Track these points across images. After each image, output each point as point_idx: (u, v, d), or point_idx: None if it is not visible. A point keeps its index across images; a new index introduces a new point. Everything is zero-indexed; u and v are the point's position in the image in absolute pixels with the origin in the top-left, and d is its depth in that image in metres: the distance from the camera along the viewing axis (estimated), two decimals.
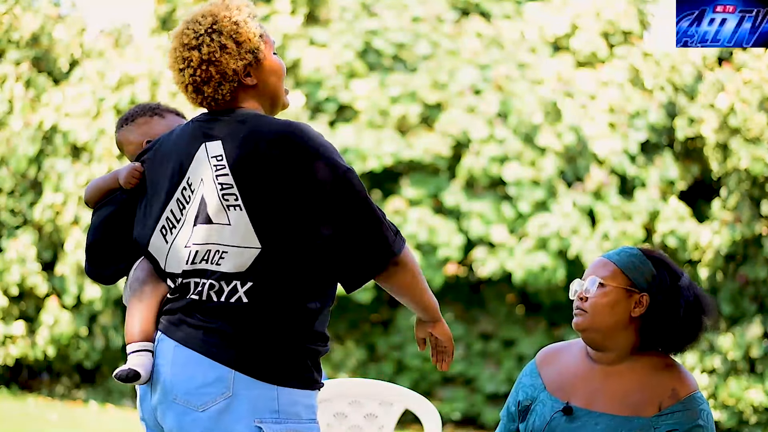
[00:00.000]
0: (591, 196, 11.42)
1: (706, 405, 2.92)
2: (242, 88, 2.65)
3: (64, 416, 10.44)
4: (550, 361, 3.09)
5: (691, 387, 2.91)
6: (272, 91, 2.69)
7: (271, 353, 2.53)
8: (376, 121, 11.60)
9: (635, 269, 2.96)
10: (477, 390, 11.92)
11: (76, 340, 11.71)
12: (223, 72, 2.60)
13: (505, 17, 12.50)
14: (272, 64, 2.67)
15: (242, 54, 2.61)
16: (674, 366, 2.96)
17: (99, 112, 11.60)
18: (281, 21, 11.72)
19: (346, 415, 3.70)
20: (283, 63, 2.72)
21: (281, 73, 2.70)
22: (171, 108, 3.02)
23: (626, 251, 3.02)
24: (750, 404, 10.42)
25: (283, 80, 2.72)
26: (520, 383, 3.10)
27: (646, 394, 2.89)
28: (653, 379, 2.91)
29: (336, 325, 12.12)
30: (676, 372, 2.93)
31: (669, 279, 2.97)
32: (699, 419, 2.88)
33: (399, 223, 11.39)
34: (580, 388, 2.97)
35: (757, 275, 10.58)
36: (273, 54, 2.69)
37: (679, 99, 11.59)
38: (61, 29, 12.34)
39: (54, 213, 11.49)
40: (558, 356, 3.09)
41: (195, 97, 2.66)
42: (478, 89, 11.68)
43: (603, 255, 3.06)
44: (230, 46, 2.60)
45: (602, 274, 2.97)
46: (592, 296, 2.95)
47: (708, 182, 11.68)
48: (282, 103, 2.75)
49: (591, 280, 2.98)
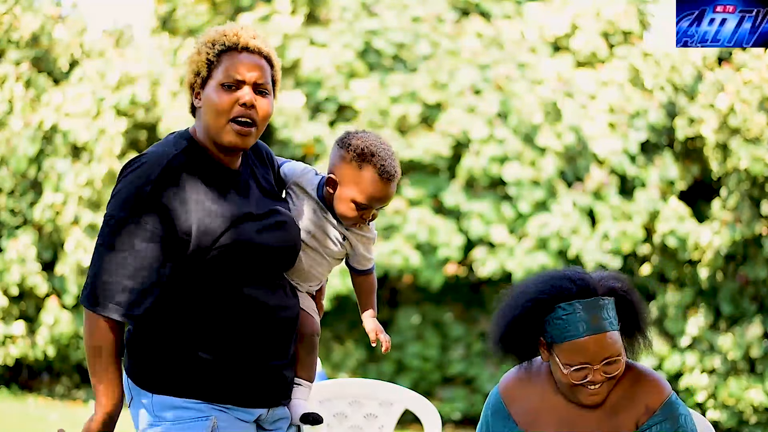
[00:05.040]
0: (591, 196, 11.42)
1: (683, 408, 2.87)
2: (197, 108, 2.77)
3: (64, 416, 10.44)
4: (517, 396, 2.96)
5: (663, 395, 2.85)
6: (206, 123, 2.72)
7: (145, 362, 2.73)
8: (376, 121, 11.59)
9: (615, 319, 2.84)
10: (477, 390, 11.91)
11: (76, 340, 11.71)
12: (185, 85, 2.79)
13: (505, 17, 12.49)
14: (208, 97, 2.70)
15: (189, 75, 2.75)
16: (642, 377, 2.88)
17: (99, 112, 11.60)
18: (281, 21, 11.72)
19: (346, 415, 3.70)
20: (226, 101, 2.68)
21: (215, 109, 2.69)
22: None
23: (598, 309, 2.79)
24: (750, 404, 10.41)
25: (222, 119, 2.68)
26: (491, 423, 2.97)
27: (621, 417, 2.84)
28: (626, 399, 2.85)
29: (336, 325, 12.13)
30: (646, 383, 2.86)
31: (627, 301, 2.88)
32: (677, 424, 2.82)
33: (399, 223, 11.39)
34: (555, 423, 2.88)
35: (757, 275, 10.58)
36: (221, 87, 2.69)
37: (679, 99, 11.58)
38: (62, 29, 12.34)
39: (54, 213, 11.49)
40: (525, 390, 2.95)
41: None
42: (478, 89, 11.67)
43: (592, 330, 2.78)
44: (186, 65, 2.78)
45: (616, 352, 2.80)
46: (613, 374, 2.81)
47: (708, 182, 11.68)
48: (222, 141, 2.71)
49: (611, 361, 2.79)
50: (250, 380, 2.73)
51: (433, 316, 12.17)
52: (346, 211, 2.86)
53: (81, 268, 11.39)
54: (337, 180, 2.87)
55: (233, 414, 2.73)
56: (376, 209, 2.88)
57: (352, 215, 2.87)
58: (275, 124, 11.59)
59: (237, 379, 2.71)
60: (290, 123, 11.55)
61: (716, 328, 10.93)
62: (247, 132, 2.70)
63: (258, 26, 11.73)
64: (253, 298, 2.72)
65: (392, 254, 11.24)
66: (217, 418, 2.69)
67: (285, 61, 11.82)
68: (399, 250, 11.26)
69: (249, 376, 2.72)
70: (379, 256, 11.21)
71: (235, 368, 2.67)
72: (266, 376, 2.76)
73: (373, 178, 2.84)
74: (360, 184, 2.83)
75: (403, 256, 11.24)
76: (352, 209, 2.85)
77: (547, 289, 2.84)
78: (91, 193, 11.37)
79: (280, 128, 11.59)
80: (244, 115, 2.69)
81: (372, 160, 2.85)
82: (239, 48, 2.72)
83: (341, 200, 2.86)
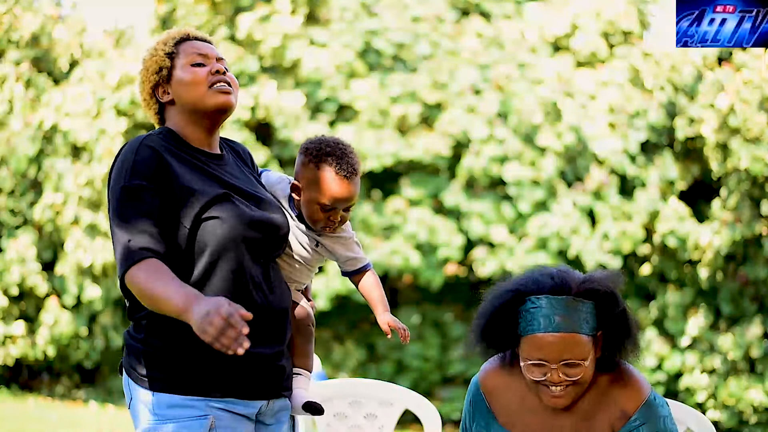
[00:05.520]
0: (591, 196, 11.42)
1: (663, 408, 2.81)
2: (166, 105, 2.89)
3: (64, 416, 10.44)
4: (497, 390, 2.92)
5: (639, 398, 2.80)
6: (188, 100, 2.84)
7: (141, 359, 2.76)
8: (376, 121, 11.59)
9: (589, 321, 2.78)
10: None
11: (76, 340, 11.71)
12: (144, 99, 2.92)
13: (505, 17, 12.49)
14: (181, 76, 2.85)
15: (149, 77, 2.88)
16: (618, 381, 2.83)
17: (99, 112, 11.60)
18: (281, 21, 11.72)
19: (346, 415, 3.70)
20: (200, 73, 2.83)
21: (191, 81, 2.83)
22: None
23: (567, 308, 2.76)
24: (750, 404, 10.41)
25: (202, 87, 2.82)
26: (471, 413, 2.95)
27: (598, 421, 2.80)
28: (601, 404, 2.81)
29: (336, 325, 12.13)
30: (621, 387, 2.82)
31: (606, 305, 2.81)
32: (656, 427, 2.78)
33: (399, 223, 11.40)
34: (532, 425, 2.85)
35: (757, 275, 10.58)
36: (191, 66, 2.85)
37: (679, 99, 11.58)
38: (61, 29, 12.34)
39: (54, 213, 11.49)
40: (505, 386, 2.91)
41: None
42: (478, 89, 11.67)
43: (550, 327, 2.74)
44: (142, 74, 2.91)
45: (579, 353, 2.74)
46: (573, 377, 2.75)
47: (708, 182, 11.68)
48: (208, 106, 2.83)
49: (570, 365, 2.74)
50: (248, 371, 2.74)
51: (433, 316, 12.17)
52: (313, 214, 2.92)
53: (81, 268, 11.39)
54: (300, 185, 2.93)
55: (235, 408, 2.74)
56: (342, 210, 2.92)
57: (318, 218, 2.92)
58: (275, 124, 11.60)
59: (236, 370, 2.73)
60: (290, 123, 11.55)
61: (716, 328, 10.93)
62: (228, 91, 2.83)
63: (258, 26, 11.73)
64: (247, 284, 2.74)
65: (392, 254, 11.24)
66: (215, 417, 2.71)
67: (285, 61, 11.82)
68: (399, 250, 11.26)
69: (247, 366, 2.74)
70: (379, 256, 11.21)
71: (234, 359, 2.66)
72: (264, 366, 2.78)
73: (331, 177, 2.89)
74: (320, 185, 2.89)
75: (403, 256, 11.24)
76: (317, 211, 2.91)
77: (524, 282, 2.83)
78: (91, 193, 11.37)
79: (280, 128, 11.59)
80: (220, 80, 2.83)
81: (327, 160, 2.91)
82: (191, 37, 2.90)
83: (306, 204, 2.92)
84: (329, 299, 11.27)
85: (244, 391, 2.75)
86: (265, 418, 2.86)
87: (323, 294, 11.21)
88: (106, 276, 11.46)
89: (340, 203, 2.90)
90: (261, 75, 11.78)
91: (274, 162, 11.56)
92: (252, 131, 11.66)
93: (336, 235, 2.98)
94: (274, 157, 11.69)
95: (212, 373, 2.71)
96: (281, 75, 11.94)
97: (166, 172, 2.69)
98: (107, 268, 11.38)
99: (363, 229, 11.46)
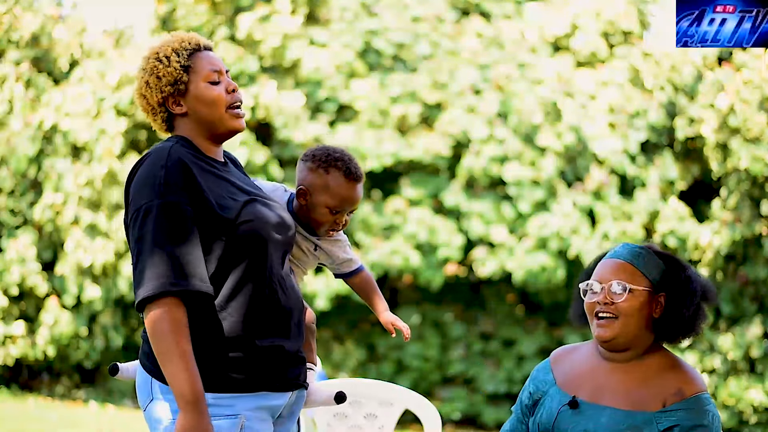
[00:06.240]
0: (591, 196, 11.42)
1: (712, 407, 2.92)
2: (176, 116, 2.90)
3: (64, 416, 10.44)
4: (562, 359, 3.12)
5: (698, 387, 2.92)
6: (205, 119, 2.89)
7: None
8: (376, 121, 11.59)
9: (653, 270, 2.96)
10: (477, 390, 11.92)
11: (76, 340, 11.71)
12: (149, 104, 2.91)
13: (505, 17, 12.49)
14: (200, 94, 2.88)
15: (162, 87, 2.87)
16: (681, 366, 2.97)
17: (99, 112, 11.60)
18: (281, 21, 11.72)
19: (346, 415, 3.71)
20: (219, 93, 2.89)
21: (212, 102, 2.88)
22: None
23: (636, 250, 3.00)
24: (750, 404, 10.41)
25: (221, 108, 2.88)
26: (533, 377, 3.14)
27: (651, 391, 2.92)
28: (659, 377, 2.94)
29: (336, 325, 12.13)
30: (683, 372, 2.95)
31: (679, 274, 2.99)
32: (704, 419, 2.88)
33: (399, 224, 11.39)
34: (587, 383, 2.99)
35: (757, 275, 10.58)
36: (209, 83, 2.88)
37: (679, 99, 11.58)
38: (61, 29, 12.34)
39: (54, 213, 11.48)
40: (570, 354, 3.12)
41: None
42: (478, 89, 11.67)
43: (613, 255, 3.01)
44: (152, 81, 2.89)
45: (629, 279, 2.94)
46: (621, 302, 2.93)
47: (708, 182, 11.68)
48: (225, 128, 2.90)
49: (618, 285, 2.95)
50: (278, 365, 2.80)
51: (433, 316, 12.17)
52: (321, 217, 3.04)
53: (81, 268, 11.39)
54: (307, 190, 3.04)
55: (268, 401, 2.78)
56: (347, 213, 3.05)
57: (326, 221, 3.04)
58: (275, 124, 11.60)
59: (267, 365, 2.77)
60: (290, 123, 11.54)
61: (716, 328, 10.93)
62: (243, 114, 2.93)
63: (258, 26, 11.73)
64: (276, 285, 2.82)
65: (392, 254, 11.24)
66: (245, 417, 2.73)
67: (285, 61, 11.82)
68: (399, 250, 11.26)
69: (277, 361, 2.79)
70: (379, 256, 11.21)
71: (268, 351, 2.74)
72: (292, 360, 2.85)
73: (341, 180, 3.03)
74: (330, 188, 3.02)
75: (403, 256, 11.24)
76: (326, 215, 3.03)
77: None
78: (91, 193, 11.36)
79: (280, 128, 11.58)
80: (236, 100, 2.91)
81: (337, 165, 3.04)
82: (202, 47, 2.92)
83: (315, 208, 3.04)
84: (329, 299, 11.26)
85: (275, 383, 2.79)
86: (283, 410, 2.90)
87: (323, 294, 11.21)
88: (106, 276, 11.46)
89: (348, 206, 3.04)
90: (261, 75, 11.77)
91: (274, 162, 11.55)
92: (252, 131, 11.65)
93: (333, 239, 3.12)
94: (274, 157, 11.69)
95: (243, 369, 2.73)
96: (281, 75, 11.94)
97: (194, 183, 2.74)
98: (107, 268, 11.37)
99: (363, 229, 11.46)
